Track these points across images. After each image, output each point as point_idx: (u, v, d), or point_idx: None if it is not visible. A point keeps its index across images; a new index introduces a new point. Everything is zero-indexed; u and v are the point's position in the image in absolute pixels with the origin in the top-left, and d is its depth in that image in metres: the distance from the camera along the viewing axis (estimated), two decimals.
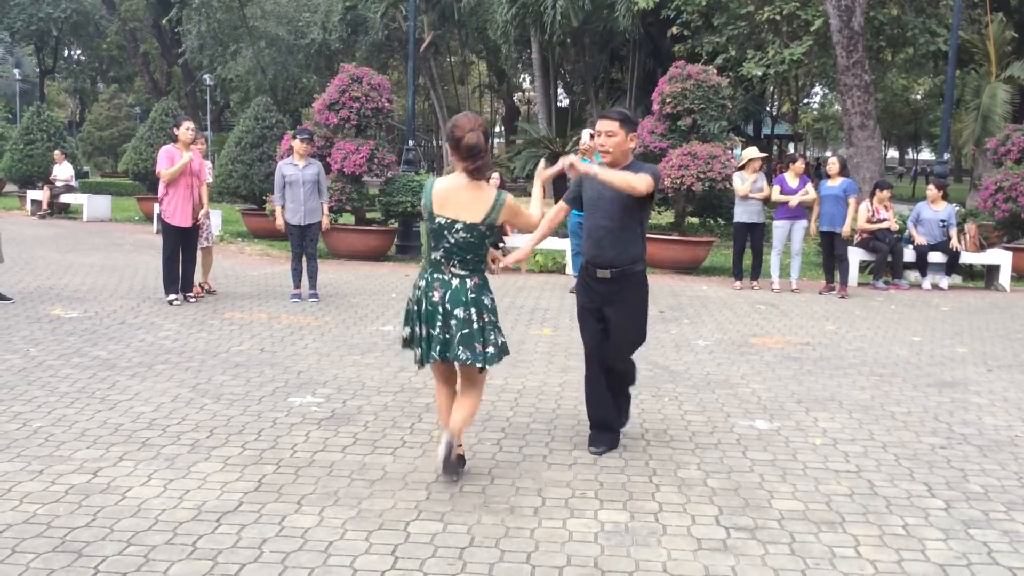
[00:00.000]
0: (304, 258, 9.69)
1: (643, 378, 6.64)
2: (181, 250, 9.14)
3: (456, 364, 4.34)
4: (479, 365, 4.26)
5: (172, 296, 9.08)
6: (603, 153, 4.76)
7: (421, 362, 4.36)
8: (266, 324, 8.30)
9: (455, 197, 4.20)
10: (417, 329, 4.32)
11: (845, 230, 11.20)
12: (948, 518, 4.15)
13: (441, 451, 4.25)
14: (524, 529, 3.88)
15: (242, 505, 4.04)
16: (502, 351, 4.35)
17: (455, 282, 4.23)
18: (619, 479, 4.52)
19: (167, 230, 9.11)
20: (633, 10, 23.69)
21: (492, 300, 4.35)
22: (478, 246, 4.25)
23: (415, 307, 4.33)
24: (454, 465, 4.35)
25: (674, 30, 23.95)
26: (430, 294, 4.24)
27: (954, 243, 12.44)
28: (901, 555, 3.74)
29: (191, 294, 9.35)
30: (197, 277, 9.63)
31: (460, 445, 4.42)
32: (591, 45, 30.13)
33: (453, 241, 4.20)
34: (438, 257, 4.26)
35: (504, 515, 4.02)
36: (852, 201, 11.21)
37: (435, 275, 4.26)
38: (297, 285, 9.70)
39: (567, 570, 3.51)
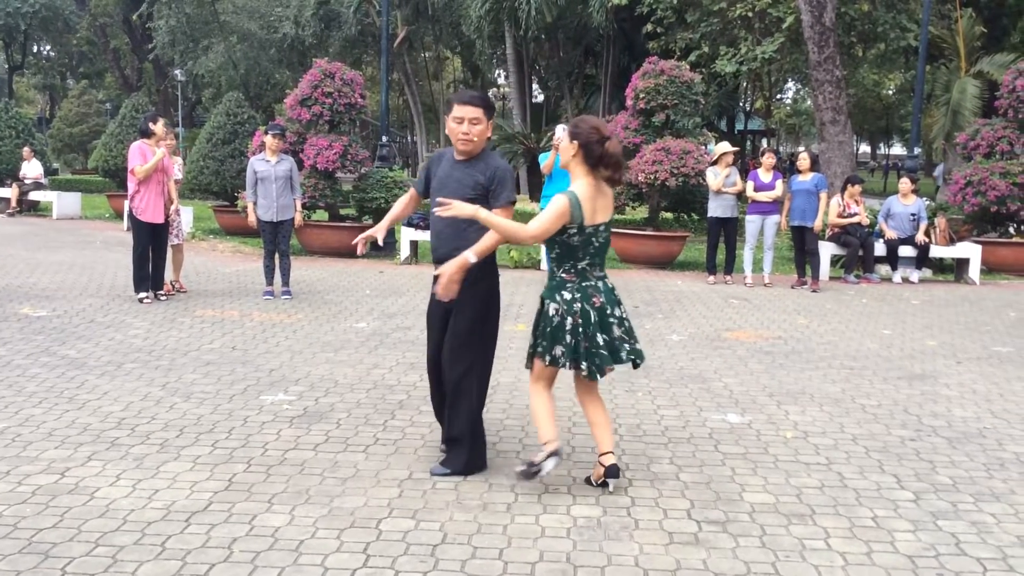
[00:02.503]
0: (277, 255, 9.63)
1: (617, 373, 6.66)
2: (151, 247, 9.06)
3: (576, 375, 4.32)
4: (637, 361, 4.37)
5: (143, 294, 8.99)
6: (466, 142, 4.33)
7: (599, 372, 4.21)
8: (238, 322, 8.24)
9: (596, 203, 4.14)
10: (585, 343, 4.16)
11: (817, 224, 11.28)
12: (917, 509, 4.19)
13: (612, 480, 4.25)
14: (497, 525, 3.87)
15: (212, 504, 4.01)
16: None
17: (602, 284, 4.27)
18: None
19: (138, 227, 9.02)
20: (607, 6, 23.72)
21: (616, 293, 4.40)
22: (608, 243, 4.31)
23: (577, 320, 4.14)
24: (616, 473, 4.27)
25: (648, 26, 23.98)
26: (591, 301, 4.19)
27: (920, 236, 12.55)
28: (871, 547, 3.77)
29: (162, 292, 9.26)
30: (168, 275, 9.55)
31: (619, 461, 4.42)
32: (565, 41, 30.13)
33: (598, 245, 4.20)
34: (584, 266, 4.20)
35: (477, 512, 4.02)
36: (823, 195, 11.29)
37: (584, 283, 4.20)
38: (269, 282, 9.64)
39: (539, 566, 3.51)
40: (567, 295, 4.18)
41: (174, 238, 9.64)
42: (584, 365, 4.18)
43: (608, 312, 4.24)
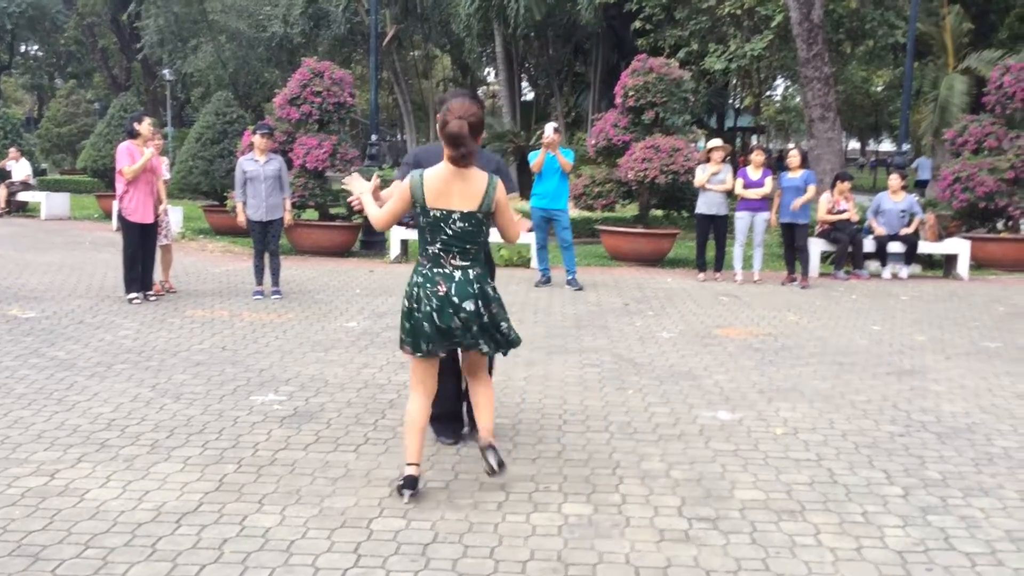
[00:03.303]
0: (267, 254, 9.61)
1: (607, 371, 6.69)
2: (141, 248, 9.03)
3: (464, 357, 4.33)
4: (503, 351, 4.30)
5: (132, 295, 8.97)
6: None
7: (426, 350, 4.14)
8: (228, 322, 8.22)
9: (447, 187, 4.04)
10: (423, 325, 4.09)
11: (808, 196, 11.27)
12: (906, 505, 4.21)
13: (492, 460, 4.15)
14: (488, 524, 3.88)
15: (202, 505, 4.00)
16: (517, 336, 4.34)
17: (458, 275, 4.09)
18: (583, 472, 4.54)
19: (128, 227, 8.99)
20: (596, 3, 23.74)
21: (495, 289, 4.25)
22: (476, 234, 4.12)
23: (414, 304, 4.12)
24: (502, 465, 4.21)
25: (637, 24, 24.01)
26: (434, 288, 4.08)
27: (907, 229, 12.60)
28: (860, 542, 3.78)
29: (151, 292, 9.23)
30: (157, 275, 9.52)
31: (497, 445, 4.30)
32: (555, 39, 30.11)
33: (451, 233, 4.07)
34: (436, 251, 4.11)
35: (468, 510, 4.02)
36: (811, 188, 11.32)
37: (435, 270, 4.11)
38: (259, 282, 9.62)
39: (531, 564, 3.51)
40: (414, 278, 4.18)
41: (163, 238, 9.61)
42: (418, 343, 4.14)
43: (453, 303, 4.06)
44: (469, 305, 4.09)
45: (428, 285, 4.10)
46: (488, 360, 4.59)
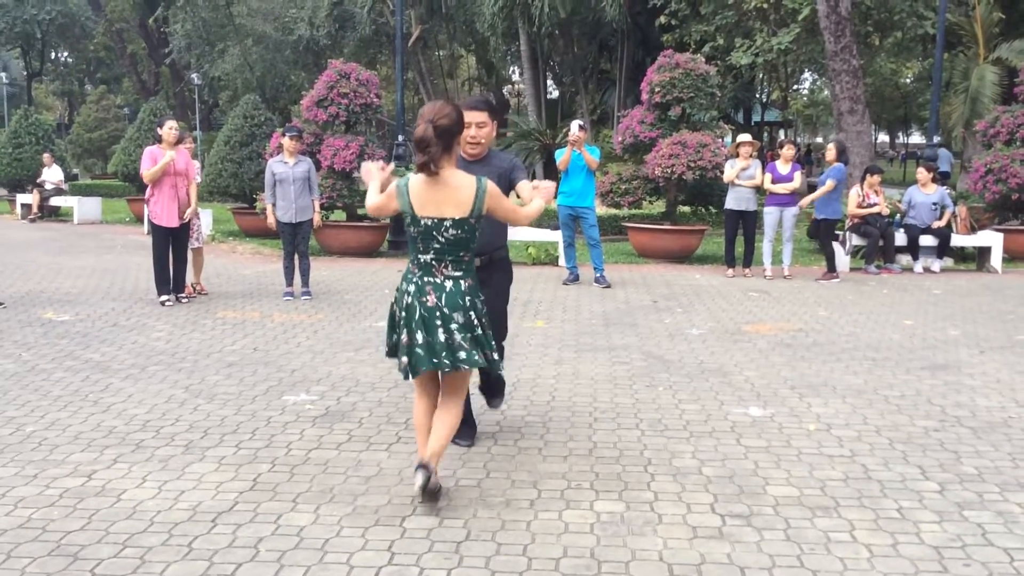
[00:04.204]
0: (296, 256, 9.68)
1: (637, 368, 6.67)
2: (172, 250, 9.12)
3: (442, 374, 4.13)
4: (492, 367, 4.13)
5: (164, 297, 9.06)
6: (474, 145, 4.63)
7: (411, 372, 4.04)
8: (259, 323, 8.29)
9: (437, 194, 3.93)
10: (405, 337, 4.02)
11: (807, 200, 11.26)
12: (942, 500, 4.17)
13: (419, 479, 3.88)
14: (520, 522, 3.88)
15: (237, 505, 4.04)
16: (502, 354, 4.22)
17: (449, 284, 3.98)
18: (614, 469, 4.53)
19: (155, 231, 9.09)
20: (620, 0, 23.68)
21: (482, 302, 4.12)
22: (470, 241, 4.02)
23: (402, 313, 4.04)
24: (434, 493, 4.01)
25: (662, 19, 23.93)
26: (423, 299, 3.97)
27: (939, 222, 12.47)
28: (896, 538, 3.75)
29: (183, 294, 9.32)
30: (189, 277, 9.61)
31: (436, 473, 4.00)
32: (580, 36, 30.08)
33: (444, 240, 3.98)
34: (428, 260, 4.00)
35: (500, 508, 4.03)
36: (830, 182, 11.28)
37: (425, 279, 4.00)
38: (289, 283, 9.69)
39: (563, 561, 3.52)
40: (403, 286, 4.09)
41: (194, 241, 9.70)
42: (400, 361, 4.07)
43: (443, 314, 3.96)
44: (459, 317, 3.98)
45: (418, 295, 4.00)
46: (496, 383, 4.75)
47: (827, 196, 11.26)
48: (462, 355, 3.98)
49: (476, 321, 4.03)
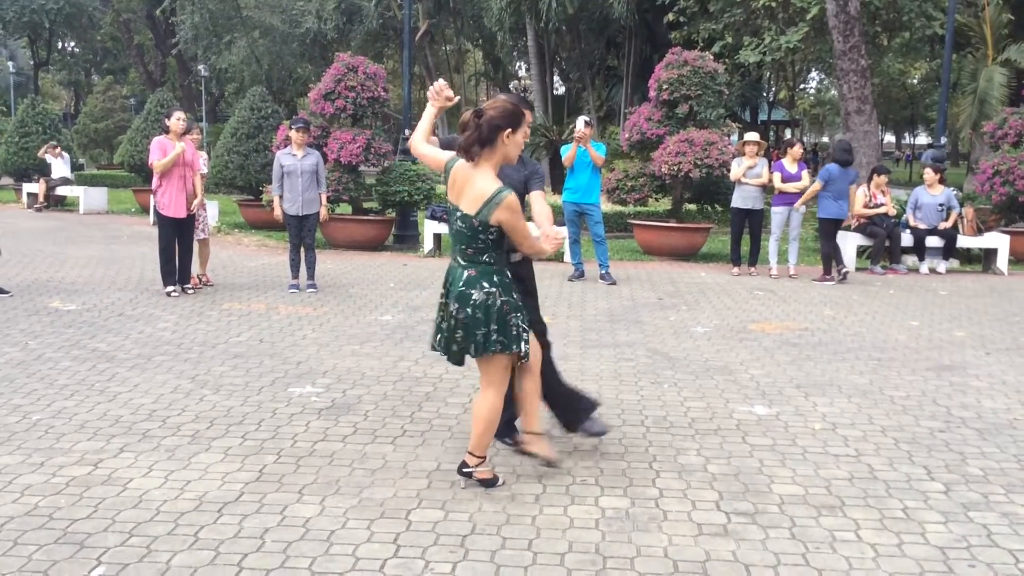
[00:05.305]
0: (302, 248, 9.68)
1: (642, 365, 6.67)
2: (178, 241, 9.13)
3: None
4: (480, 355, 4.04)
5: (170, 288, 9.07)
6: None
7: (433, 346, 4.25)
8: (264, 315, 8.30)
9: (462, 183, 3.98)
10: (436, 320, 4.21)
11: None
12: (948, 501, 4.17)
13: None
14: (525, 516, 3.89)
15: (243, 495, 4.05)
16: (501, 344, 3.99)
17: (460, 273, 4.02)
18: (619, 466, 4.53)
19: (162, 222, 9.09)
20: None
21: (487, 295, 3.94)
22: (471, 239, 3.96)
23: (441, 300, 4.20)
24: (486, 483, 4.16)
25: (670, 17, 23.87)
26: (447, 283, 4.12)
27: (946, 224, 12.45)
28: (901, 538, 3.75)
29: (189, 285, 9.34)
30: (194, 268, 9.62)
31: (479, 465, 4.15)
32: (587, 32, 30.03)
33: (454, 228, 4.04)
34: (453, 243, 4.12)
35: (505, 503, 4.03)
36: (816, 183, 11.25)
37: (452, 264, 4.12)
38: (295, 275, 9.69)
39: (568, 556, 3.52)
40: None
41: (200, 232, 9.71)
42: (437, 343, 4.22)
43: (446, 301, 4.10)
44: (454, 308, 4.00)
45: (446, 280, 4.14)
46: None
47: (827, 196, 11.19)
48: (454, 348, 4.07)
49: (459, 314, 3.97)
